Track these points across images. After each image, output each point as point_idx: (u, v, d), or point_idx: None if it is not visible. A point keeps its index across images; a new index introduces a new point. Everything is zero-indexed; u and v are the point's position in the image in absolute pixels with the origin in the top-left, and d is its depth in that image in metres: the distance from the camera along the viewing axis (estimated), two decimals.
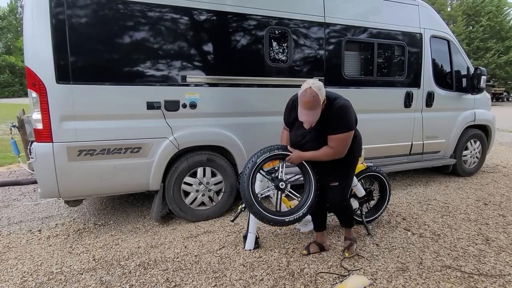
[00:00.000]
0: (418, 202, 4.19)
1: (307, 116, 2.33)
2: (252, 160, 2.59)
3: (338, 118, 2.41)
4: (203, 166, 3.52)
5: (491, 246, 3.04)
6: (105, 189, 3.23)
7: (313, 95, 2.26)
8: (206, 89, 3.44)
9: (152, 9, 3.12)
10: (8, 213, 3.88)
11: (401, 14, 4.44)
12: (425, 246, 3.01)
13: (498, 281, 2.49)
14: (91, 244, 3.09)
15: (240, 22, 3.52)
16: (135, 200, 4.29)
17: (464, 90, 5.05)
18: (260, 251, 2.92)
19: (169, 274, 2.57)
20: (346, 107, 2.43)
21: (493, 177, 5.40)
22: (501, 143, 8.69)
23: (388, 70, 4.55)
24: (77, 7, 2.89)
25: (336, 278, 2.53)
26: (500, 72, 30.61)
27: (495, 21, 30.53)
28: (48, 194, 3.05)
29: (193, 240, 3.13)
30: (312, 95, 2.26)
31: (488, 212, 3.86)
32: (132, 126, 3.17)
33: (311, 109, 2.29)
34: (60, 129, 2.92)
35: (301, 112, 2.34)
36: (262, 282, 2.46)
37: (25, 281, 2.50)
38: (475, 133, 5.34)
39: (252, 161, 2.58)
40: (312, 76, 3.89)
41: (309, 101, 2.26)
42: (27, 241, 3.16)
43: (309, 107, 2.29)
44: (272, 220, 2.56)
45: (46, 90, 2.84)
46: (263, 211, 2.54)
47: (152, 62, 3.18)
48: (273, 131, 3.78)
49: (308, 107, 2.29)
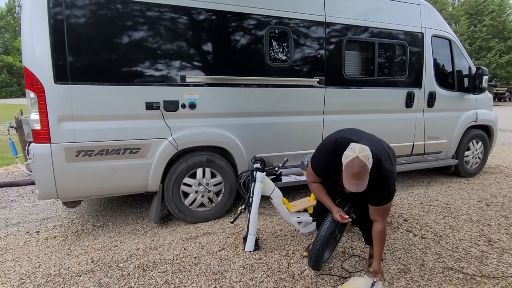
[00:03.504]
0: (419, 203, 4.16)
1: (357, 186, 2.08)
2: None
3: (384, 188, 2.21)
4: (202, 167, 3.49)
5: (493, 247, 3.01)
6: (104, 190, 3.21)
7: (361, 166, 2.03)
8: (206, 89, 3.42)
9: (151, 9, 3.10)
10: (5, 215, 3.86)
11: (402, 14, 4.41)
12: (427, 248, 2.98)
13: (501, 283, 2.46)
14: (89, 246, 3.06)
15: (240, 22, 3.50)
16: (133, 201, 4.27)
17: (466, 90, 5.01)
18: (260, 252, 2.89)
19: (168, 276, 2.55)
20: (390, 176, 2.21)
21: (495, 177, 5.36)
22: (503, 143, 8.65)
23: (389, 70, 4.51)
24: (76, 7, 2.87)
25: (337, 280, 2.50)
26: (501, 72, 30.57)
27: (498, 20, 30.49)
28: (46, 195, 3.03)
29: (193, 242, 3.11)
30: (361, 165, 2.03)
31: (491, 213, 3.83)
32: (131, 127, 3.14)
33: (359, 179, 2.06)
34: (58, 130, 2.89)
35: (349, 182, 2.09)
36: (262, 284, 2.44)
37: (22, 283, 2.48)
38: (477, 134, 5.30)
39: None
40: (312, 76, 3.86)
41: (359, 173, 2.04)
42: (25, 243, 3.14)
43: (357, 178, 2.06)
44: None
45: (44, 91, 2.82)
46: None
47: (151, 62, 3.16)
48: (273, 131, 3.78)
49: (356, 178, 2.06)
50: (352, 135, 2.32)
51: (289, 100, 3.82)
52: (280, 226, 3.44)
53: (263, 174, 2.92)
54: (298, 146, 3.91)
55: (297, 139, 3.90)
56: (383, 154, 2.24)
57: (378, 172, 2.14)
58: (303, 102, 3.89)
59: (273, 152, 3.80)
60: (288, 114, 3.86)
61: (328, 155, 2.31)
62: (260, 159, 2.94)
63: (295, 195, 4.36)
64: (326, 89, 3.95)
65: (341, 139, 2.30)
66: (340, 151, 2.16)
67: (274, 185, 3.03)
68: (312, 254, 2.49)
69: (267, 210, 3.89)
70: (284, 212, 3.05)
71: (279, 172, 3.12)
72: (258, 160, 2.93)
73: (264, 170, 2.93)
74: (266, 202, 3.89)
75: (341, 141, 2.26)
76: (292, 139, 3.88)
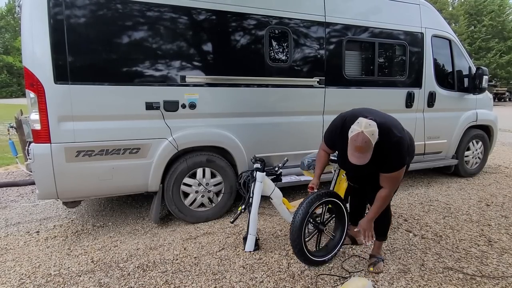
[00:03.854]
0: (419, 203, 4.16)
1: (358, 159, 2.15)
2: (304, 207, 2.57)
3: (393, 156, 2.25)
4: (202, 167, 3.49)
5: (493, 247, 3.01)
6: (104, 190, 3.21)
7: (365, 141, 2.08)
8: (206, 89, 3.42)
9: (151, 9, 3.10)
10: (5, 215, 3.86)
11: (402, 13, 4.41)
12: (427, 248, 2.98)
13: (501, 283, 2.46)
14: (89, 246, 3.06)
15: (240, 22, 3.50)
16: (134, 201, 4.27)
17: (466, 90, 5.01)
18: (260, 252, 2.89)
19: (168, 276, 2.55)
20: (400, 144, 2.24)
21: (495, 177, 5.36)
22: (503, 143, 8.65)
23: (389, 70, 4.51)
24: (76, 7, 2.87)
25: (337, 280, 2.50)
26: (501, 72, 30.56)
27: (497, 20, 30.48)
28: (46, 195, 3.03)
29: (193, 242, 3.11)
30: (365, 141, 2.08)
31: (491, 213, 3.83)
32: (131, 127, 3.14)
33: (362, 153, 2.12)
34: (58, 130, 2.89)
35: (352, 154, 2.16)
36: (262, 284, 2.44)
37: (22, 283, 2.48)
38: (477, 134, 5.30)
39: (304, 208, 2.57)
40: (312, 76, 3.86)
41: (361, 147, 2.10)
42: (25, 243, 3.14)
43: (360, 151, 2.12)
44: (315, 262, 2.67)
45: (44, 91, 2.82)
46: (309, 255, 2.63)
47: (151, 62, 3.16)
48: (273, 131, 3.78)
49: (359, 151, 2.12)
50: (364, 111, 2.40)
51: (289, 100, 3.82)
52: (280, 226, 3.44)
53: (263, 174, 2.92)
54: (298, 146, 3.91)
55: (297, 139, 3.90)
56: (393, 124, 2.31)
57: (387, 140, 2.20)
58: (303, 102, 3.89)
59: (273, 152, 3.81)
60: (288, 114, 3.85)
61: (336, 127, 2.48)
62: (260, 159, 2.94)
63: (295, 195, 4.36)
64: (326, 89, 3.95)
65: (351, 113, 2.42)
66: (348, 125, 2.25)
67: (274, 185, 3.03)
68: (292, 244, 2.58)
69: (267, 210, 3.89)
70: (284, 212, 3.05)
71: (279, 172, 3.12)
72: (258, 160, 2.93)
73: (264, 170, 2.93)
74: (266, 202, 3.89)
75: (351, 115, 2.39)
76: (292, 139, 3.88)
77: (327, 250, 2.76)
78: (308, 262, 2.65)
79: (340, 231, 2.82)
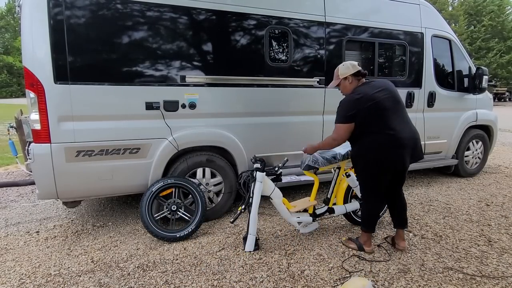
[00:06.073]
0: (419, 203, 4.16)
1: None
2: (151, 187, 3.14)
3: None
4: (202, 167, 3.50)
5: (493, 247, 3.01)
6: (104, 190, 3.21)
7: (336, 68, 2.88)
8: (206, 89, 3.42)
9: (151, 9, 3.10)
10: (5, 215, 3.86)
11: (402, 14, 4.41)
12: (427, 248, 2.98)
13: (501, 283, 2.46)
14: (89, 246, 3.06)
15: (240, 22, 3.50)
16: (134, 201, 4.26)
17: (466, 90, 5.01)
18: (260, 252, 2.89)
19: (168, 276, 2.55)
20: (341, 103, 2.75)
21: (495, 177, 5.36)
22: (503, 143, 8.65)
23: (389, 70, 4.52)
24: (75, 7, 2.87)
25: (337, 280, 2.49)
26: (502, 72, 30.56)
27: (497, 20, 30.49)
28: (46, 195, 3.03)
29: (193, 242, 3.11)
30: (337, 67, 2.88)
31: (491, 213, 3.82)
32: (131, 127, 3.14)
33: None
34: (58, 130, 2.90)
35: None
36: (262, 284, 2.43)
37: (22, 283, 2.48)
38: (477, 134, 5.30)
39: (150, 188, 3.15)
40: (312, 76, 3.87)
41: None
42: (25, 243, 3.14)
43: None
44: (164, 236, 3.07)
45: (44, 91, 2.82)
46: (156, 229, 3.07)
47: (151, 62, 3.16)
48: (273, 131, 3.78)
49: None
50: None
51: (289, 100, 3.82)
52: (280, 226, 3.44)
53: (263, 174, 2.92)
54: (298, 146, 3.88)
55: (297, 139, 3.90)
56: (359, 91, 2.74)
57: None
58: (303, 102, 3.89)
59: (273, 152, 3.81)
60: (288, 114, 3.86)
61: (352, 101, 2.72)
62: (260, 159, 2.94)
63: (295, 195, 4.36)
64: (326, 89, 3.95)
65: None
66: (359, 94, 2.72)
67: (274, 185, 3.02)
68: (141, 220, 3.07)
69: (267, 210, 3.89)
70: (284, 212, 3.05)
71: (279, 172, 3.12)
72: (258, 160, 2.93)
73: (264, 170, 2.93)
74: (266, 202, 3.89)
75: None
76: (292, 139, 3.88)
77: (182, 228, 3.14)
78: (155, 235, 3.05)
79: (196, 213, 3.20)
